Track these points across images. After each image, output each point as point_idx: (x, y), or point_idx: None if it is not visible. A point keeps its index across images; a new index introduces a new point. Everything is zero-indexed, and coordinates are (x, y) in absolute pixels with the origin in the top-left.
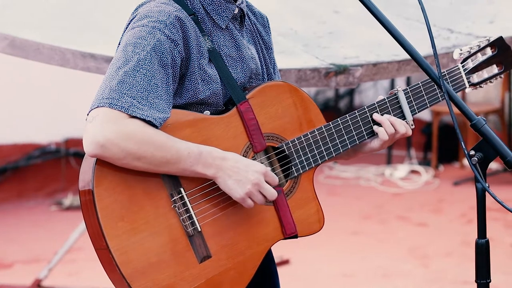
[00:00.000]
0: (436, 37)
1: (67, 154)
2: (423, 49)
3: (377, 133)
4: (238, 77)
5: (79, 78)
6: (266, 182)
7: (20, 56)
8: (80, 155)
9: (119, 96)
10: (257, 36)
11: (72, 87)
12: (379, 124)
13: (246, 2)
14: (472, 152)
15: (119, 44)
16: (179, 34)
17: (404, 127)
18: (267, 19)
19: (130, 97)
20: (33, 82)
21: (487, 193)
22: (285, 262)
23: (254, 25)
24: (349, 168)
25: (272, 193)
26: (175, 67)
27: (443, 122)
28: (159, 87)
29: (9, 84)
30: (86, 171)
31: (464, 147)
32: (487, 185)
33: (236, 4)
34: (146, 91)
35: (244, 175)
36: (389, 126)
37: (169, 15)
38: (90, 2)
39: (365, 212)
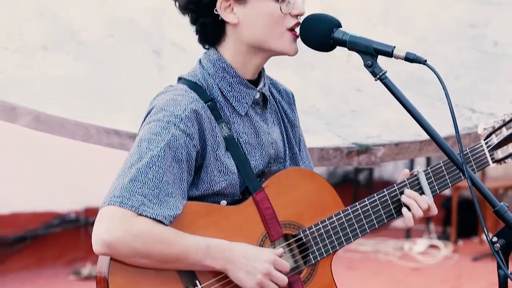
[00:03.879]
0: (458, 117)
1: (86, 223)
2: (445, 129)
3: (404, 213)
4: (256, 164)
5: (99, 147)
6: (277, 269)
7: (45, 131)
8: None
9: (129, 194)
10: (281, 115)
11: (93, 155)
12: (401, 206)
13: (271, 79)
14: (495, 239)
15: (137, 134)
16: (194, 128)
17: (427, 206)
18: (292, 95)
19: (141, 195)
20: (54, 150)
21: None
22: None
23: (278, 104)
24: (367, 242)
25: (283, 281)
26: (190, 161)
27: (462, 196)
28: (171, 184)
29: (29, 152)
30: (104, 257)
31: (486, 231)
32: (509, 271)
33: (257, 89)
34: (158, 189)
35: (253, 266)
36: (417, 209)
37: (185, 108)
38: (113, 78)
39: (383, 287)
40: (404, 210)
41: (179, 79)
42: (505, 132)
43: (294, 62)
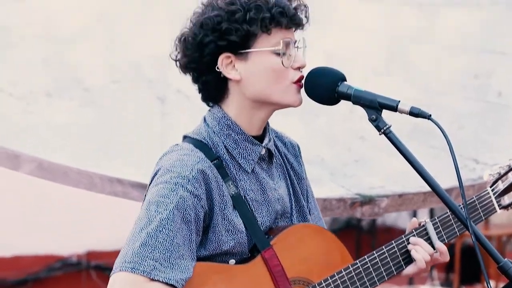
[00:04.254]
0: (461, 168)
1: (88, 267)
2: (449, 180)
3: (413, 255)
4: (263, 220)
5: None
6: None
7: (48, 179)
8: (101, 268)
9: (141, 259)
10: (287, 169)
11: (95, 199)
12: (410, 257)
13: (276, 132)
14: None
15: (144, 196)
16: (202, 188)
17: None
18: (298, 147)
19: (152, 259)
20: (57, 193)
21: None
22: None
23: (284, 158)
24: None
25: None
26: (199, 222)
27: (465, 243)
28: (182, 245)
29: (31, 194)
30: None
31: (487, 282)
32: None
33: (263, 145)
34: (169, 252)
35: None
36: (423, 253)
37: (192, 169)
38: (117, 125)
39: None
40: (413, 252)
41: (184, 137)
42: (511, 178)
43: (298, 110)
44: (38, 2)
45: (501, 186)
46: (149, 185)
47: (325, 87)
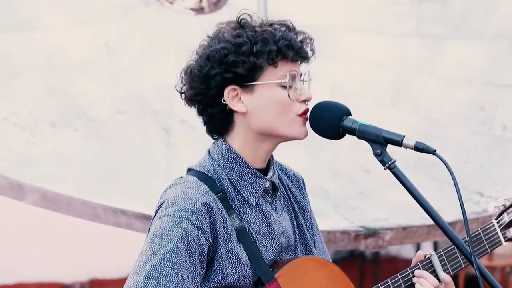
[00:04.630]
0: (466, 201)
1: None
2: (454, 213)
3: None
4: (267, 254)
5: None
6: None
7: (52, 209)
8: None
9: None
10: (291, 202)
11: (99, 227)
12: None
13: (279, 165)
14: None
15: (149, 229)
16: (206, 221)
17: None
18: (302, 180)
19: None
20: (60, 222)
21: None
22: None
23: (288, 190)
24: None
25: None
26: (202, 255)
27: (469, 274)
28: (186, 279)
29: (35, 224)
30: None
31: None
32: None
33: (267, 178)
34: (173, 285)
35: None
36: (428, 285)
37: (196, 202)
38: (121, 156)
39: None
40: (417, 285)
41: (189, 170)
42: None
43: (303, 142)
44: (43, 33)
45: (506, 218)
46: (153, 218)
47: (330, 121)
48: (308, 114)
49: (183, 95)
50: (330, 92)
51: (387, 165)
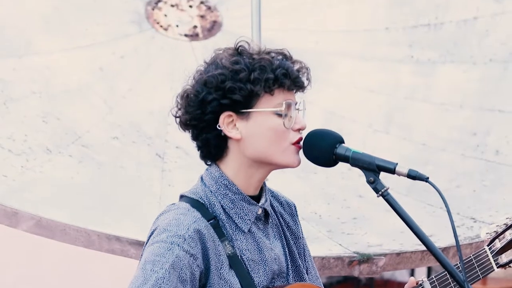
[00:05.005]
0: (459, 226)
1: None
2: (446, 238)
3: None
4: (260, 280)
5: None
6: None
7: (46, 236)
8: None
9: None
10: (283, 229)
11: (94, 254)
12: None
13: (271, 191)
14: None
15: (141, 256)
16: (198, 248)
17: None
18: (294, 206)
19: None
20: (53, 247)
21: None
22: None
23: (280, 217)
24: None
25: None
26: (194, 281)
27: None
28: None
29: (29, 250)
30: None
31: None
32: None
33: (259, 205)
34: None
35: None
36: None
37: (188, 228)
38: (116, 182)
39: None
40: None
41: (181, 196)
42: (508, 236)
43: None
44: (37, 58)
45: (498, 244)
46: (146, 244)
47: (323, 150)
48: (301, 142)
49: (178, 119)
50: (324, 117)
51: (380, 193)
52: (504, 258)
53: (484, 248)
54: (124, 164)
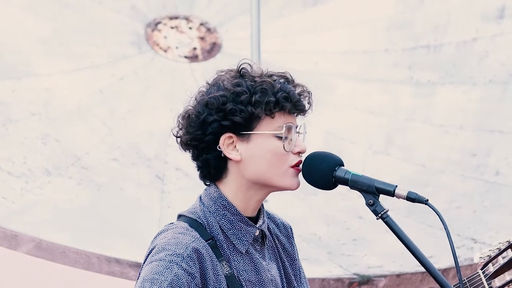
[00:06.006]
0: (459, 247)
1: None
2: (447, 259)
3: None
4: None
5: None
6: None
7: (46, 258)
8: None
9: None
10: (279, 251)
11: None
12: None
13: (268, 213)
14: None
15: (138, 275)
16: (196, 267)
17: None
18: (291, 228)
19: None
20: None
21: None
22: None
23: (276, 239)
24: None
25: None
26: None
27: None
28: None
29: (29, 273)
30: None
31: None
32: None
33: (257, 226)
34: None
35: None
36: None
37: (187, 247)
38: (115, 204)
39: None
40: None
41: (179, 216)
42: (501, 261)
43: None
44: (37, 80)
45: (491, 269)
46: (144, 263)
47: (322, 172)
48: (301, 165)
49: (178, 139)
50: (324, 138)
51: (379, 215)
52: (497, 282)
53: (478, 272)
54: (123, 186)
